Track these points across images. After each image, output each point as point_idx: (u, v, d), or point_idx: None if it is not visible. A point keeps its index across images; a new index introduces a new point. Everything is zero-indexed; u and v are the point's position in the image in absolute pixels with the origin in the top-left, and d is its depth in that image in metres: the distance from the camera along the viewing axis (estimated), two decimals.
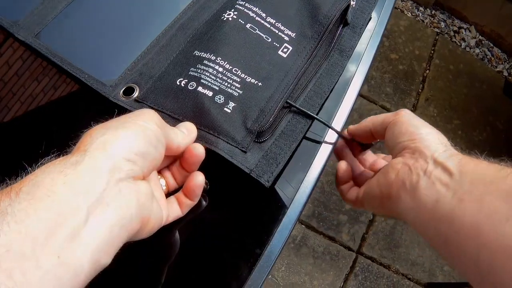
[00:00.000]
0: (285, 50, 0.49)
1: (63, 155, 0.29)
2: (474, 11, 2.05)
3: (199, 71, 0.45)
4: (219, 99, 0.43)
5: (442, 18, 2.09)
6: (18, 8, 0.50)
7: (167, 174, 0.40)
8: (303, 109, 0.47)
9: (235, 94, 0.43)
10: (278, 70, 0.47)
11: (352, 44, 0.52)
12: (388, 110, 1.66)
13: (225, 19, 0.49)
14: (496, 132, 1.83)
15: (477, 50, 2.04)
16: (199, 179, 0.38)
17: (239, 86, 0.44)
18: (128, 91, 0.45)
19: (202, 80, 0.44)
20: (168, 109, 0.43)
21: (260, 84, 0.45)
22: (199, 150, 0.38)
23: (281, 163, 0.42)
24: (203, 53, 0.47)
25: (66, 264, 0.24)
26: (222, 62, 0.45)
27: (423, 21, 2.06)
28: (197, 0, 0.53)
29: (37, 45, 0.47)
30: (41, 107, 0.50)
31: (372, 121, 0.46)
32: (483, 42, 2.06)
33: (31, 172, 0.27)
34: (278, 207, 0.44)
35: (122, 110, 0.42)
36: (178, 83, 0.44)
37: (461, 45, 2.03)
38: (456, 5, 2.07)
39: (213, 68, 0.45)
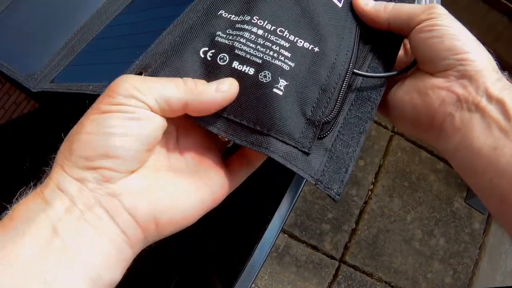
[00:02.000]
0: None
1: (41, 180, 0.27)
2: (459, 19, 2.07)
3: (230, 37, 0.32)
4: (265, 76, 0.30)
5: None
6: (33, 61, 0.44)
7: None
8: (380, 74, 0.35)
9: (286, 67, 0.31)
10: (335, 25, 0.34)
11: None
12: None
13: None
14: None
15: None
16: None
17: (289, 55, 0.31)
18: None
19: (236, 51, 0.31)
20: None
21: (316, 49, 0.32)
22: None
23: (351, 166, 0.32)
24: (232, 15, 0.33)
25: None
26: (261, 22, 0.32)
27: None
28: None
29: (54, 87, 0.41)
30: (25, 115, 0.51)
31: (390, 13, 0.35)
32: None
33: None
34: (260, 219, 0.44)
35: None
36: (202, 55, 0.32)
37: None
38: None
39: (250, 32, 0.31)
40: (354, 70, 0.34)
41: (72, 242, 0.24)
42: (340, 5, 0.35)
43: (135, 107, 0.26)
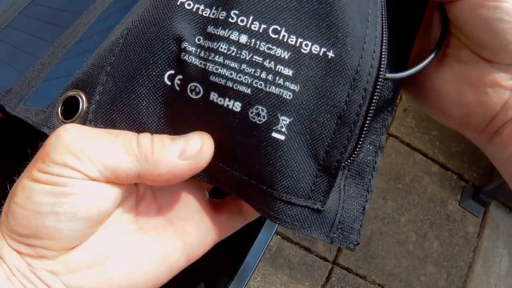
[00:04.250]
0: None
1: None
2: None
3: (202, 53, 0.21)
4: (258, 115, 0.21)
5: None
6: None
7: None
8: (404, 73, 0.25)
9: (287, 96, 0.21)
10: (356, 14, 0.22)
11: None
12: None
13: None
14: (474, 143, 1.85)
15: None
16: None
17: (290, 72, 0.21)
18: (71, 107, 0.24)
19: (212, 77, 0.21)
20: None
21: (331, 54, 0.21)
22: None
23: (368, 199, 0.25)
24: (201, 6, 0.22)
25: None
26: (243, 21, 0.21)
27: None
28: None
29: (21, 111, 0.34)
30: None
31: None
32: None
33: None
34: (253, 221, 0.43)
35: None
36: (168, 82, 0.22)
37: None
38: None
39: (229, 41, 0.21)
40: (387, 75, 0.23)
41: None
42: None
43: (68, 179, 0.21)
